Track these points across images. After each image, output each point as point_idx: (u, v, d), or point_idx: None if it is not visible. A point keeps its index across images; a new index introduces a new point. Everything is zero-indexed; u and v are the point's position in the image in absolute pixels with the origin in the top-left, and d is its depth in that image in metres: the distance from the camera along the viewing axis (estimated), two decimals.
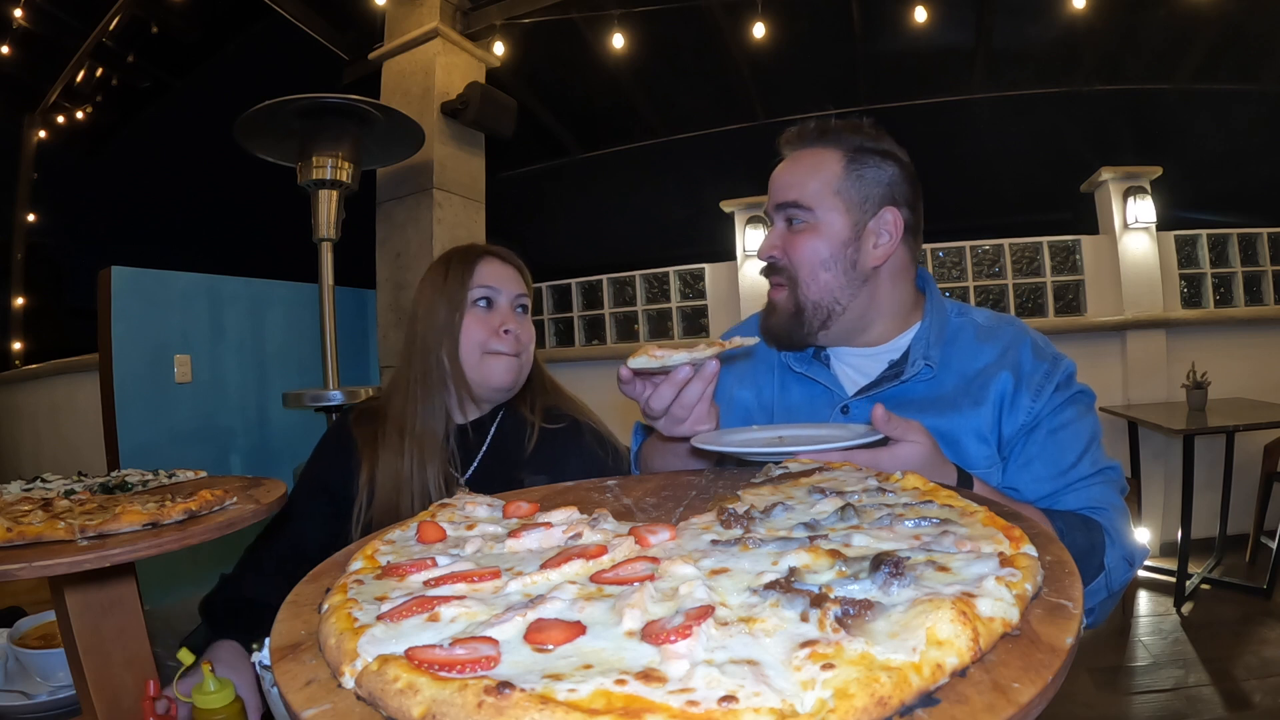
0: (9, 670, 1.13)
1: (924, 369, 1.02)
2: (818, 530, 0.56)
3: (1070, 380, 1.02)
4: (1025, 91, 5.15)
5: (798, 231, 1.03)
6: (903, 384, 1.03)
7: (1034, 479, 0.97)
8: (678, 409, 0.88)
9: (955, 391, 1.01)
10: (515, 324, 1.28)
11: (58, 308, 6.23)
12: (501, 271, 1.31)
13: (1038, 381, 0.99)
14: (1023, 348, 1.03)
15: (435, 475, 1.24)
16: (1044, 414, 0.99)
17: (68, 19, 4.93)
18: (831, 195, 1.02)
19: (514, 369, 1.28)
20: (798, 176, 1.05)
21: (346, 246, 2.99)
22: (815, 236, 1.02)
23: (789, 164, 1.07)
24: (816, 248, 1.02)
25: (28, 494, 1.00)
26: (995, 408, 0.99)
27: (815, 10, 4.65)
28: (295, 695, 0.38)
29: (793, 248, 1.03)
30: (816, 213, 1.02)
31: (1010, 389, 0.99)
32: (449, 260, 1.32)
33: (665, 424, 0.90)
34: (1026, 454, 0.98)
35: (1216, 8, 3.94)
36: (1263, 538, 3.53)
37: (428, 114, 3.64)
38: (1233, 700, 2.38)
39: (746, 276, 4.59)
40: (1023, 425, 0.99)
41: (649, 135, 5.93)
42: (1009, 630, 0.38)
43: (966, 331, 1.07)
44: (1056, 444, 0.97)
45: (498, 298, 1.29)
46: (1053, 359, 1.02)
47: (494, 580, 0.49)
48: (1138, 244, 4.06)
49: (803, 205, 1.03)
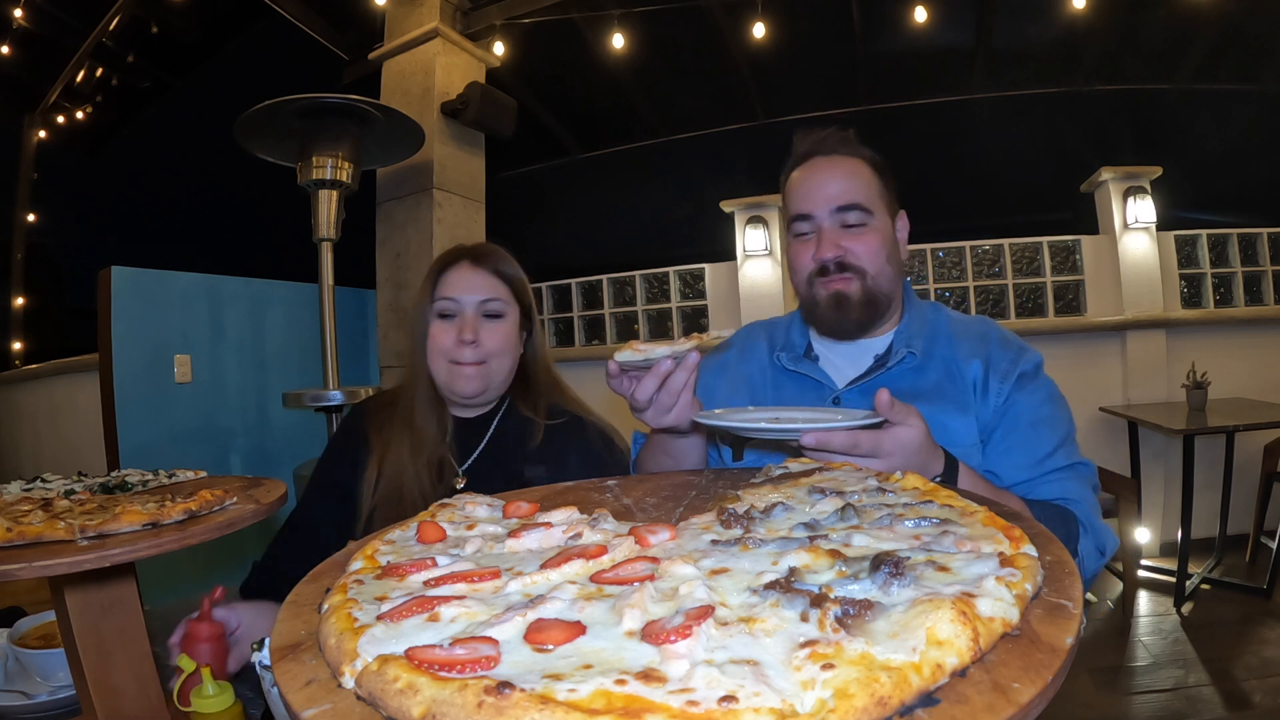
0: (9, 670, 1.13)
1: (908, 356, 1.11)
2: (818, 530, 0.56)
3: (1038, 370, 1.10)
4: (1025, 91, 5.15)
5: (860, 232, 1.11)
6: (888, 372, 1.11)
7: (1013, 466, 1.04)
8: (663, 398, 0.92)
9: (938, 381, 1.10)
10: (477, 332, 1.27)
11: (58, 308, 6.23)
12: (468, 279, 1.30)
13: (1004, 368, 1.08)
14: (991, 341, 1.13)
15: (433, 467, 1.29)
16: (1018, 399, 1.07)
17: (68, 19, 4.93)
18: (878, 199, 1.12)
19: (478, 377, 1.28)
20: (851, 181, 1.11)
21: (346, 246, 2.99)
22: (876, 235, 1.11)
23: (831, 167, 1.13)
24: (879, 245, 1.11)
25: (28, 494, 1.00)
26: (971, 394, 1.08)
27: (815, 10, 4.65)
28: (295, 695, 0.38)
29: (859, 245, 1.10)
30: (875, 215, 1.11)
31: (981, 375, 1.08)
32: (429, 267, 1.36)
33: (652, 414, 0.95)
34: (1006, 440, 1.06)
35: (1216, 8, 3.94)
36: (1263, 538, 3.53)
37: (428, 114, 3.64)
38: (1233, 700, 2.38)
39: (746, 276, 4.59)
40: (996, 407, 1.07)
41: (649, 135, 5.93)
42: (1009, 630, 0.38)
43: (943, 327, 1.16)
44: (1035, 435, 1.05)
45: (459, 308, 1.29)
46: (1018, 348, 1.12)
47: (494, 580, 0.49)
48: (1138, 244, 4.06)
49: (864, 207, 1.10)
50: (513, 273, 1.33)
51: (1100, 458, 3.63)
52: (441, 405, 1.34)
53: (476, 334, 1.27)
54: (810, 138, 1.16)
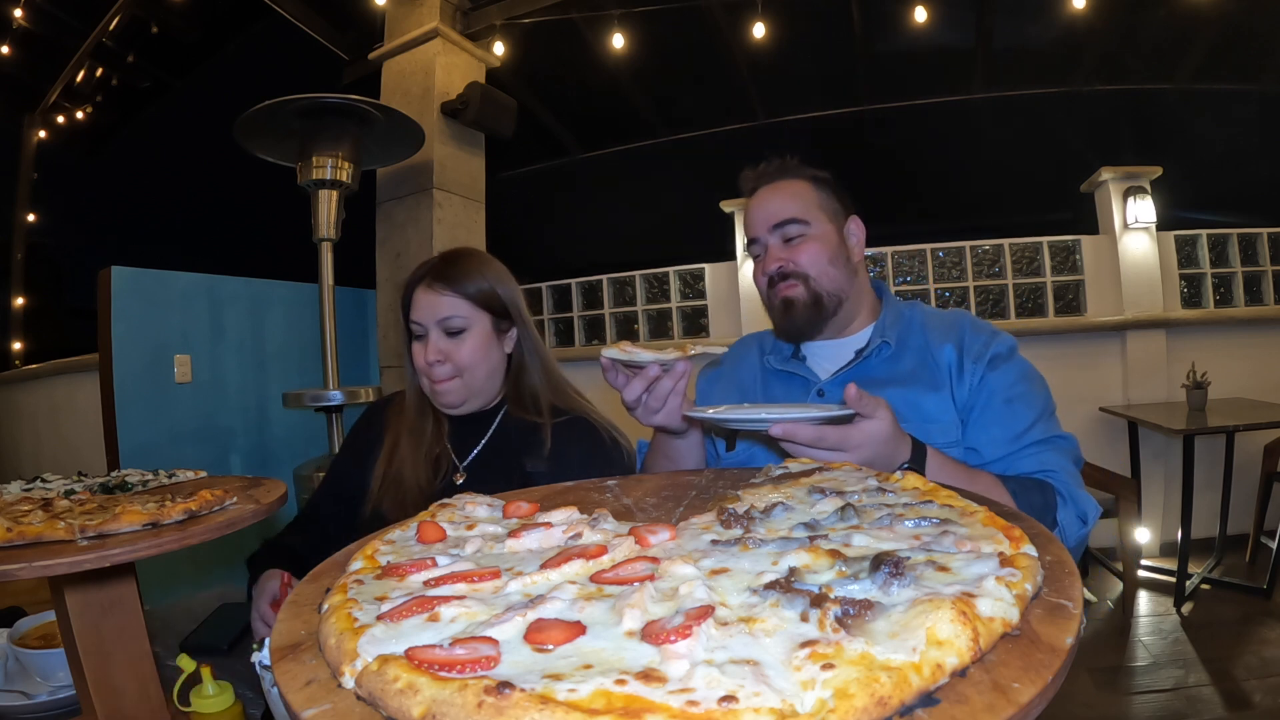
0: (9, 670, 1.13)
1: (883, 345, 1.20)
2: (818, 530, 0.56)
3: (1012, 352, 1.17)
4: (1025, 91, 5.14)
5: (799, 242, 1.21)
6: (865, 361, 1.20)
7: (991, 441, 1.10)
8: (650, 401, 1.02)
9: (913, 367, 1.18)
10: (441, 351, 1.30)
11: (58, 308, 6.23)
12: (425, 301, 1.31)
13: (977, 350, 1.15)
14: (963, 326, 1.20)
15: (431, 462, 1.34)
16: (992, 377, 1.13)
17: (68, 19, 4.93)
18: (817, 210, 1.23)
19: (455, 390, 1.32)
20: (786, 200, 1.23)
21: (346, 246, 2.99)
22: (816, 242, 1.21)
23: (769, 193, 1.25)
24: (820, 250, 1.21)
25: (28, 494, 1.00)
26: (946, 375, 1.16)
27: (815, 10, 4.65)
28: (295, 695, 0.38)
29: (799, 254, 1.21)
30: (812, 225, 1.22)
31: (955, 359, 1.16)
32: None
33: (641, 414, 1.05)
34: (984, 418, 1.12)
35: (1216, 8, 3.94)
36: (1263, 538, 3.53)
37: (428, 114, 3.64)
38: (1233, 700, 2.38)
39: (746, 276, 4.59)
40: (971, 387, 1.13)
41: (649, 135, 5.93)
42: (1009, 630, 0.38)
43: (918, 320, 1.25)
44: (1012, 412, 1.11)
45: (424, 331, 1.32)
46: (990, 333, 1.19)
47: (494, 580, 0.49)
48: (1138, 244, 4.06)
49: (800, 219, 1.22)
50: (474, 285, 1.32)
51: (1100, 458, 3.63)
52: (432, 408, 1.39)
53: (442, 352, 1.30)
54: (754, 174, 1.30)
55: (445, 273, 1.32)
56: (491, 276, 1.35)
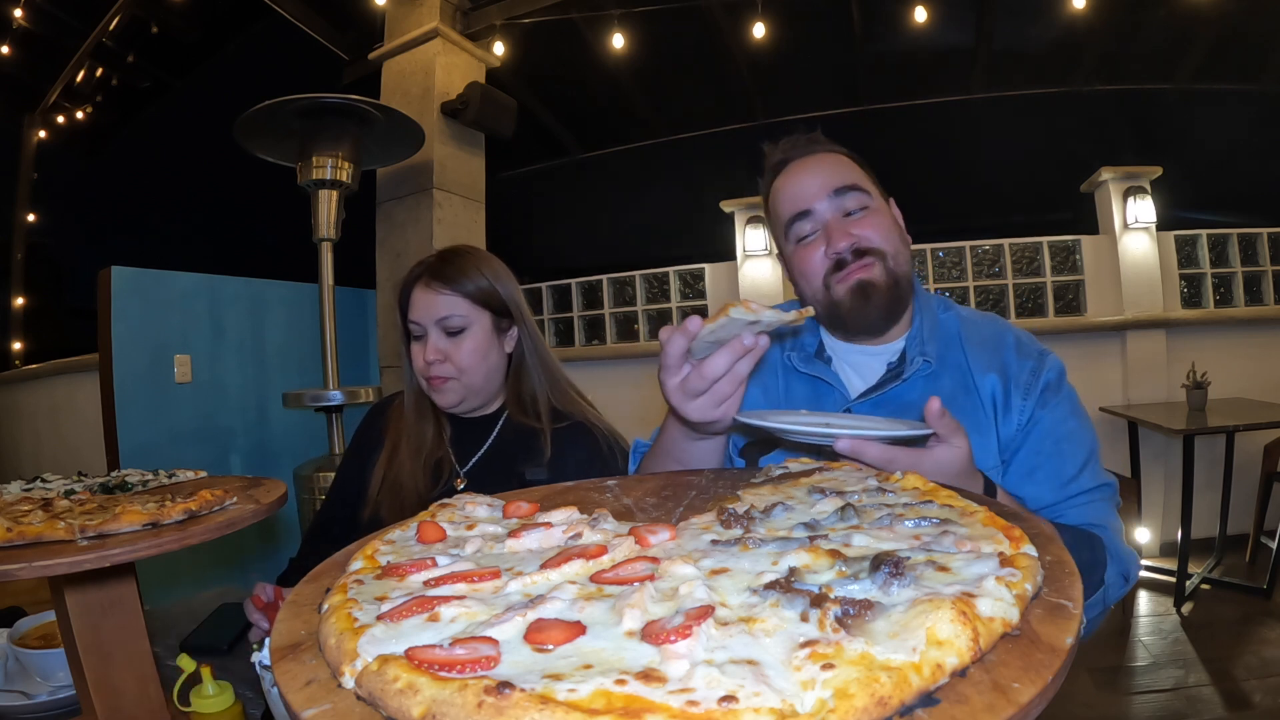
0: (9, 670, 1.13)
1: (923, 365, 1.02)
2: (818, 530, 0.56)
3: (1062, 380, 1.02)
4: (1025, 91, 5.15)
5: (864, 215, 1.02)
6: (904, 383, 1.02)
7: (1038, 488, 0.97)
8: (723, 386, 0.79)
9: (953, 392, 1.01)
10: (441, 351, 1.28)
11: (58, 308, 6.23)
12: (424, 300, 1.30)
13: (1025, 380, 1.00)
14: (1006, 349, 1.04)
15: (430, 468, 1.33)
16: (1043, 415, 0.99)
17: (68, 19, 4.93)
18: (869, 182, 1.06)
19: (453, 390, 1.31)
20: (838, 166, 1.05)
21: (346, 246, 2.99)
22: (882, 215, 1.04)
23: (814, 162, 1.07)
24: (889, 224, 1.04)
25: (28, 494, 1.00)
26: (990, 411, 1.00)
27: (815, 10, 4.65)
28: (295, 695, 0.38)
29: (870, 227, 1.02)
30: (872, 196, 1.04)
31: (1000, 391, 1.00)
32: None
33: (705, 402, 0.80)
34: (1030, 461, 0.98)
35: (1216, 8, 3.94)
36: (1263, 538, 3.53)
37: (428, 114, 3.64)
38: (1233, 700, 2.38)
39: (746, 276, 4.59)
40: (1019, 425, 0.99)
41: (649, 135, 5.93)
42: (1009, 630, 0.38)
43: (954, 328, 1.08)
44: (1059, 454, 0.98)
45: (423, 331, 1.30)
46: (1038, 355, 1.03)
47: (494, 580, 0.49)
48: (1138, 244, 4.06)
49: (860, 188, 1.03)
50: (473, 283, 1.30)
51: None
52: (436, 409, 1.36)
53: (442, 352, 1.28)
54: (781, 146, 1.11)
55: (443, 271, 1.30)
56: (490, 274, 1.32)
